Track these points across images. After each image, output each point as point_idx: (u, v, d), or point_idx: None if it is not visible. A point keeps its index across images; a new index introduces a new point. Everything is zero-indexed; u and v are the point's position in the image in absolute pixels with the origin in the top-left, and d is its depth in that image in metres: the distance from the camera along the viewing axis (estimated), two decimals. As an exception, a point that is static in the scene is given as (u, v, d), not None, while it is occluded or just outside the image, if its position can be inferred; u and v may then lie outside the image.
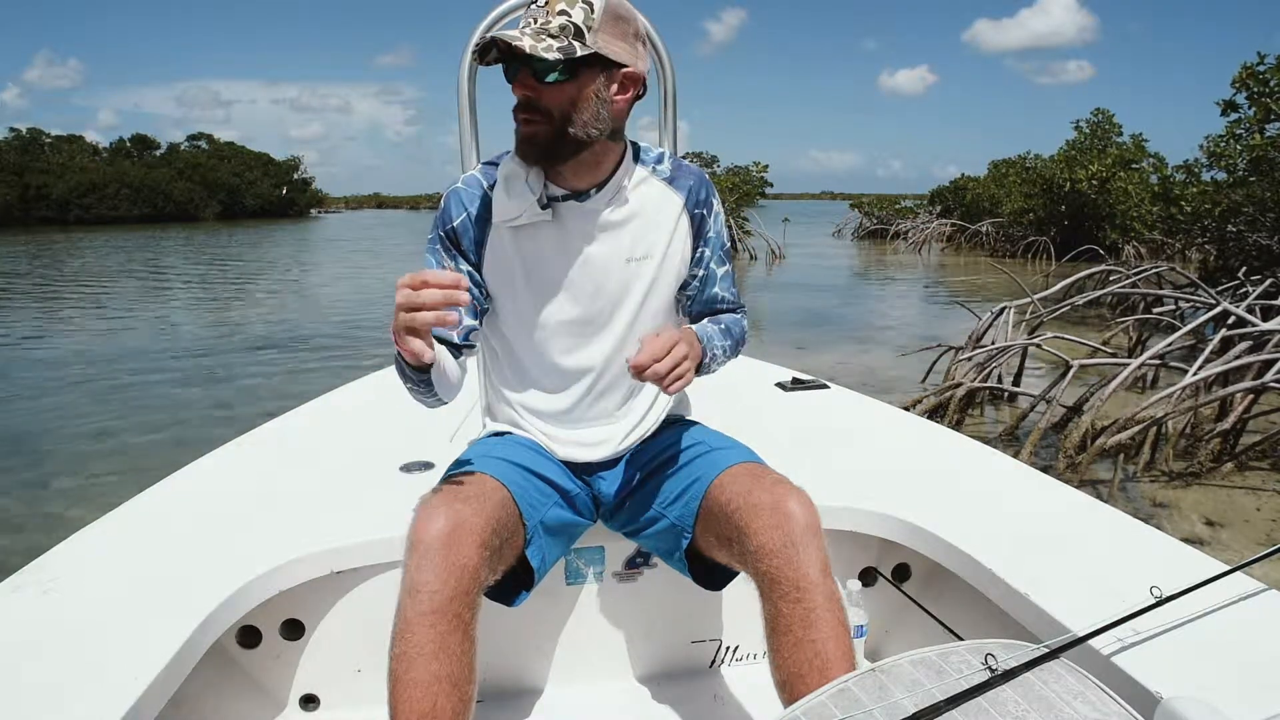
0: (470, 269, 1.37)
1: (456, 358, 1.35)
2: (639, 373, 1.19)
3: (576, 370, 1.43)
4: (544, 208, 1.33)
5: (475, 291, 1.37)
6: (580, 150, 1.28)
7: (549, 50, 1.17)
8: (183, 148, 75.58)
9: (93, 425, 6.43)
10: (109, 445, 5.91)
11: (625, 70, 1.27)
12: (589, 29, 1.20)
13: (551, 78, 1.21)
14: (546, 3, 1.20)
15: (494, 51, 1.22)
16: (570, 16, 1.19)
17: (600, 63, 1.23)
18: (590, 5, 1.21)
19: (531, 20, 1.20)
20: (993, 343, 6.76)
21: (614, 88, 1.27)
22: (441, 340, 1.32)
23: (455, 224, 1.36)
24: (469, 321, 1.37)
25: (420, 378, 1.25)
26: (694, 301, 1.52)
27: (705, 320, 1.48)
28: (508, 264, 1.37)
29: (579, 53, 1.19)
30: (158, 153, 73.40)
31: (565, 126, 1.24)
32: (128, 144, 73.06)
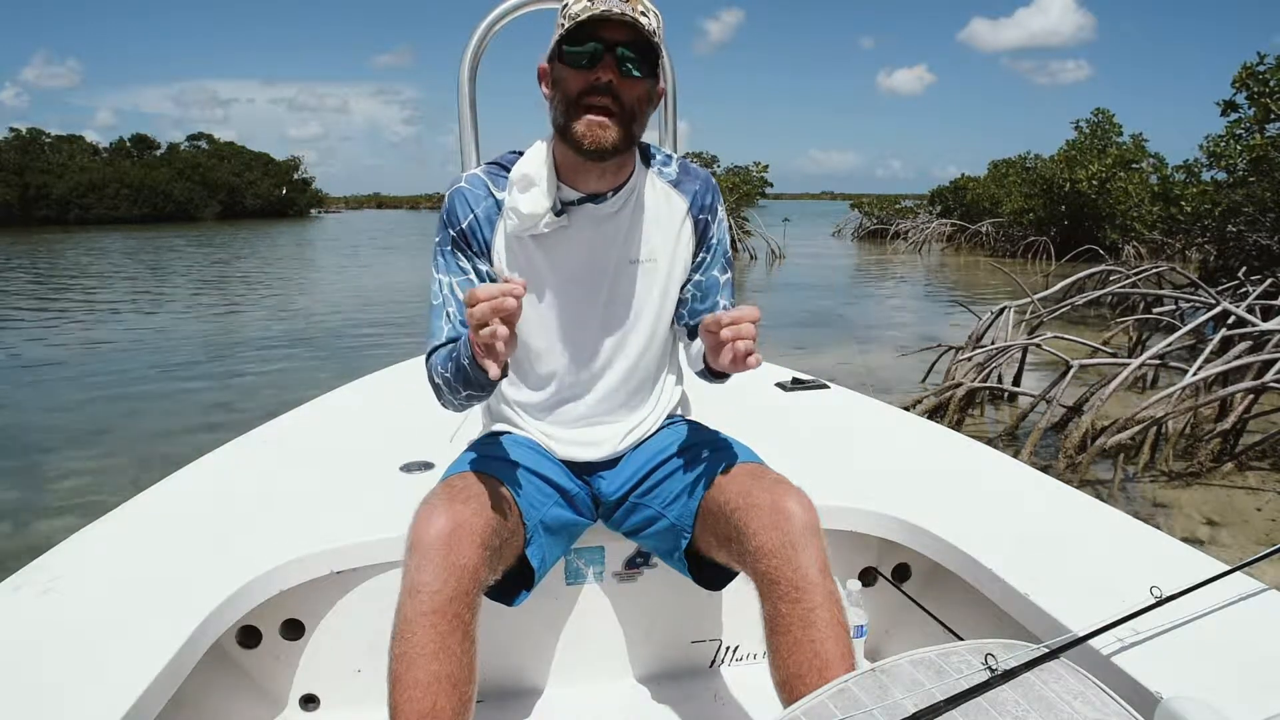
0: (487, 269, 1.37)
1: None
2: (719, 327, 1.14)
3: (577, 370, 1.43)
4: (558, 214, 1.32)
5: None
6: (628, 150, 1.29)
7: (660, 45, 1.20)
8: (183, 148, 75.55)
9: (92, 425, 6.43)
10: (109, 445, 5.91)
11: (659, 84, 1.31)
12: (659, 36, 1.22)
13: (639, 73, 1.22)
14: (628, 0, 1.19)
15: (565, 26, 1.19)
16: (650, 20, 1.20)
17: (659, 71, 1.26)
18: (658, 14, 1.23)
19: (613, 7, 1.17)
20: (993, 343, 6.76)
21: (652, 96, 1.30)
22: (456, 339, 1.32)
23: (464, 225, 1.35)
24: None
25: (488, 387, 1.25)
26: (689, 310, 1.47)
27: None
28: (514, 266, 1.37)
29: (662, 55, 1.23)
30: (158, 153, 73.36)
31: (631, 124, 1.25)
32: (128, 144, 73.04)
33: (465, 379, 1.23)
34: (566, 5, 1.22)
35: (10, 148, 60.95)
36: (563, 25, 1.21)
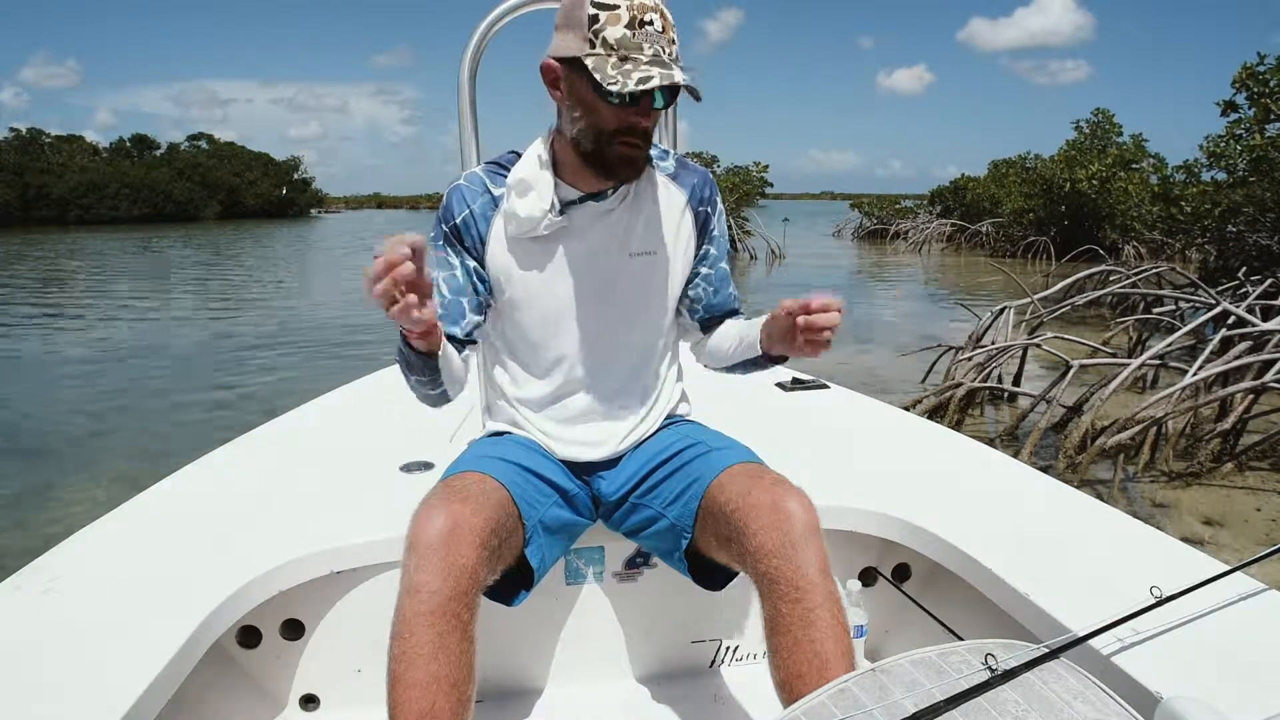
0: (475, 265, 1.37)
1: (460, 353, 1.35)
2: (801, 310, 1.21)
3: (577, 369, 1.43)
4: (559, 213, 1.33)
5: (480, 287, 1.38)
6: None
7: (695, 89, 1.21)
8: (183, 148, 75.53)
9: (93, 425, 6.43)
10: (109, 445, 5.91)
11: None
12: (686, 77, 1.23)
13: (664, 105, 1.24)
14: (663, 30, 1.19)
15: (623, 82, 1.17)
16: (675, 45, 1.21)
17: None
18: (675, 32, 1.23)
19: (661, 50, 1.18)
20: (993, 343, 6.76)
21: None
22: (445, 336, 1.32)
23: (458, 220, 1.36)
24: (473, 317, 1.37)
25: (426, 364, 1.23)
26: (704, 305, 1.51)
27: (740, 322, 1.49)
28: (512, 262, 1.37)
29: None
30: (158, 153, 73.32)
31: (648, 146, 1.28)
32: (128, 144, 73.00)
33: (408, 363, 1.24)
34: (600, 27, 1.17)
35: (10, 148, 60.91)
36: (590, 41, 1.17)
